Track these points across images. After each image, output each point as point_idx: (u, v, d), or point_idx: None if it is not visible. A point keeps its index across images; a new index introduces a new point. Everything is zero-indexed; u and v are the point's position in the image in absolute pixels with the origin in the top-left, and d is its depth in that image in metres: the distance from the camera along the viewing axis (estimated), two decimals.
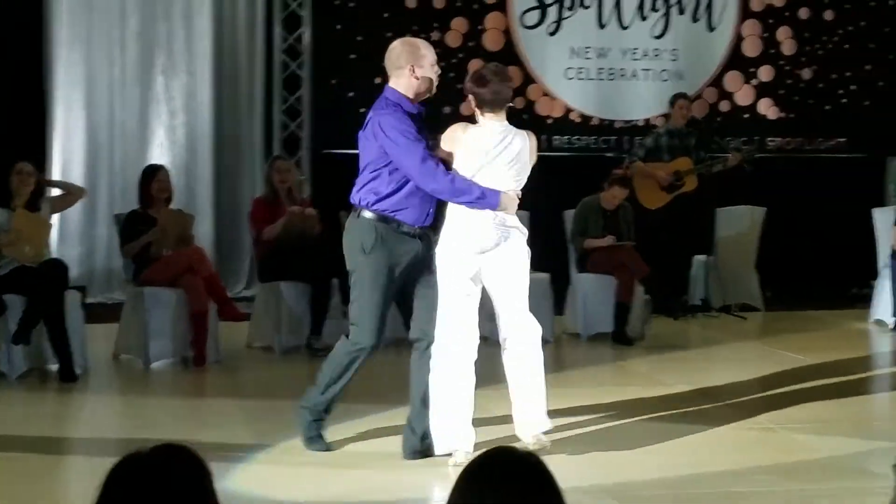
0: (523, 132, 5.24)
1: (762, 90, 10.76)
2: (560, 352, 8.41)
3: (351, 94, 9.95)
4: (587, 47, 10.43)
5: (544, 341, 8.21)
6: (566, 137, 10.40)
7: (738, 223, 10.02)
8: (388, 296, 5.06)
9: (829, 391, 6.66)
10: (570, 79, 10.41)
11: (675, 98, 9.74)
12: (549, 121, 10.36)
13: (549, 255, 8.92)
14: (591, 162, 9.90)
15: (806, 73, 10.83)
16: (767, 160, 10.42)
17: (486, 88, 5.17)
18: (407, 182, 5.00)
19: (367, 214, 5.04)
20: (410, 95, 5.16)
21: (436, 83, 5.22)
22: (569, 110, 10.40)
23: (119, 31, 9.97)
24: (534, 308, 8.25)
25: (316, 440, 5.21)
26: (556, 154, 10.32)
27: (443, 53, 10.03)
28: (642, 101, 10.53)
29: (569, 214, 8.90)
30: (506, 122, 5.19)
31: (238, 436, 5.65)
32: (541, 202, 9.26)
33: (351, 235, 5.11)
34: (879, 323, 9.17)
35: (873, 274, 9.63)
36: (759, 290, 10.01)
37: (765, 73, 10.75)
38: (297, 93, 10.04)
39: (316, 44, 9.95)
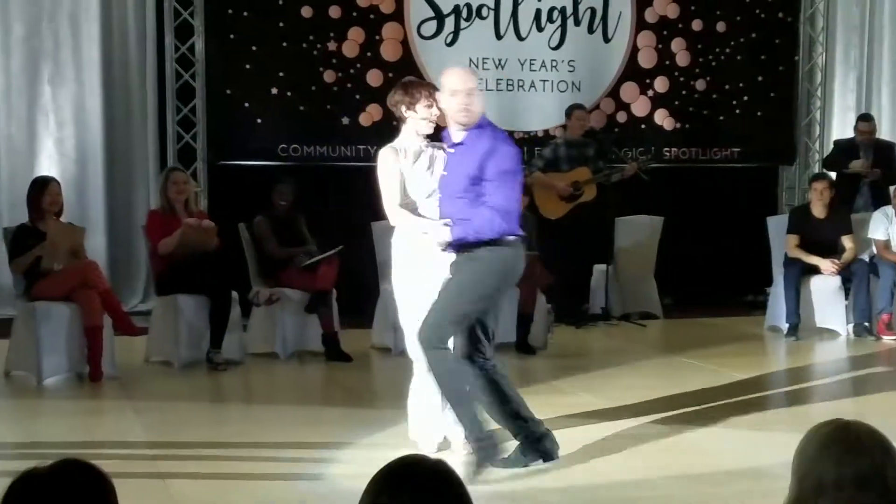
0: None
1: (658, 101, 10.88)
2: None
3: (247, 104, 9.78)
4: (485, 58, 10.42)
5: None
6: None
7: (637, 232, 10.10)
8: None
9: (729, 395, 6.71)
10: None
11: (572, 109, 9.81)
12: None
13: None
14: None
15: (700, 84, 10.99)
16: (664, 170, 10.54)
17: None
18: None
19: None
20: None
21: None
22: None
23: (2, 38, 9.64)
24: None
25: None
26: None
27: (339, 64, 9.96)
28: (541, 112, 10.55)
29: None
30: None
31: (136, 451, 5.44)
32: None
33: None
34: (774, 329, 9.32)
35: (768, 281, 9.80)
36: (658, 298, 10.10)
37: (660, 84, 10.87)
38: (190, 103, 9.82)
39: (209, 53, 9.75)
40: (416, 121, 5.29)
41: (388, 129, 10.02)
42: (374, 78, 10.05)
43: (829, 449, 2.18)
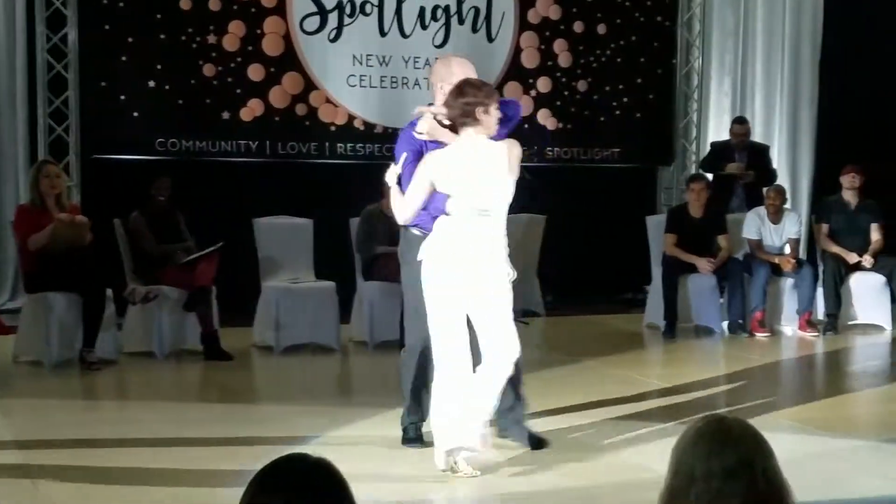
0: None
1: (541, 101, 10.94)
2: (347, 360, 8.29)
3: (122, 97, 9.52)
4: (369, 55, 10.34)
5: (330, 350, 8.21)
6: (350, 145, 10.27)
7: (519, 231, 10.09)
8: None
9: (606, 392, 6.76)
10: (353, 86, 10.29)
11: None
12: (333, 128, 10.21)
13: (334, 263, 8.82)
14: (375, 169, 9.75)
15: (582, 85, 11.09)
16: (547, 169, 10.60)
17: None
18: None
19: None
20: None
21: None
22: (352, 117, 10.28)
23: None
24: (321, 316, 8.25)
25: None
26: (340, 161, 10.20)
27: (219, 57, 9.78)
28: None
29: (354, 222, 8.77)
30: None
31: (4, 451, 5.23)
32: (327, 210, 9.20)
33: None
34: (652, 326, 9.45)
35: (647, 279, 9.93)
36: (541, 296, 10.16)
37: (543, 85, 10.94)
38: (63, 95, 9.51)
39: (83, 44, 9.46)
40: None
41: (270, 124, 10.04)
42: (255, 72, 9.89)
43: (700, 442, 2.23)
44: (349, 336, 8.56)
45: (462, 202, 4.85)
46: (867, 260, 9.32)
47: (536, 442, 5.34)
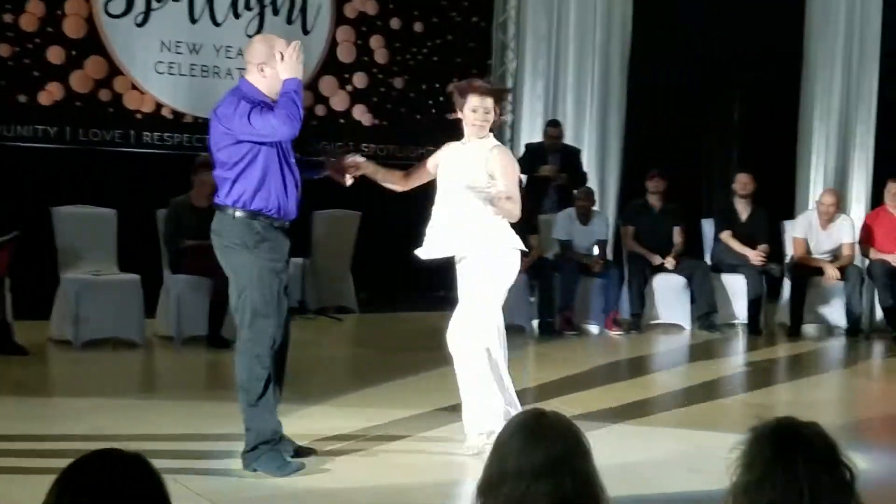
0: None
1: (357, 96, 10.86)
2: (151, 355, 8.01)
3: None
4: (178, 42, 10.02)
5: (132, 344, 7.91)
6: (157, 134, 9.93)
7: (334, 226, 10.03)
8: None
9: (421, 388, 6.82)
10: (161, 73, 9.96)
11: None
12: (139, 115, 9.86)
13: (140, 255, 8.50)
14: (184, 160, 9.49)
15: (398, 83, 11.06)
16: None
17: None
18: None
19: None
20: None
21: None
22: (160, 106, 9.95)
23: None
24: (124, 310, 7.94)
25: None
26: (147, 151, 9.85)
27: (17, 38, 9.31)
28: None
29: (161, 213, 8.49)
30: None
31: None
32: (132, 200, 8.87)
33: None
34: None
35: None
36: (355, 293, 10.08)
37: (359, 80, 10.86)
38: None
39: None
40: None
41: (71, 109, 9.60)
42: (55, 55, 9.46)
43: (517, 436, 2.21)
44: (154, 331, 8.28)
45: None
46: (669, 262, 9.61)
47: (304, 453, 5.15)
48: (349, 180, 5.52)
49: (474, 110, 5.48)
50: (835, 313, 9.71)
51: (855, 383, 7.92)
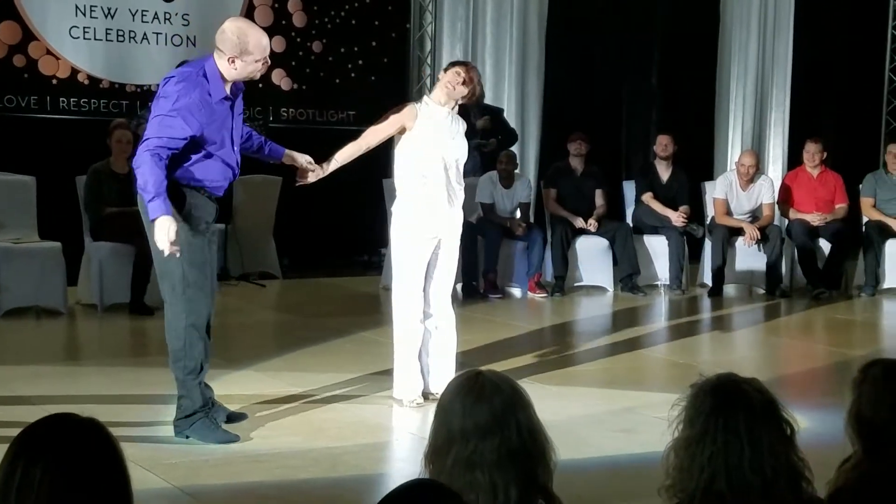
0: None
1: (275, 61, 10.65)
2: (74, 323, 7.94)
3: None
4: (93, 6, 9.84)
5: (55, 313, 7.82)
6: (74, 100, 9.77)
7: (255, 192, 9.97)
8: None
9: (345, 352, 6.85)
10: (76, 38, 9.78)
11: (182, 64, 9.49)
12: (55, 81, 9.68)
13: (60, 222, 8.39)
14: (102, 126, 9.35)
15: (317, 46, 11.00)
16: (282, 130, 10.44)
17: None
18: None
19: None
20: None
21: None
22: (76, 71, 9.77)
23: None
24: (46, 278, 7.84)
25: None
26: (63, 117, 9.69)
27: None
28: (154, 66, 10.11)
29: (81, 180, 8.37)
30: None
31: None
32: (51, 167, 8.73)
33: None
34: (388, 289, 9.46)
35: (383, 242, 9.97)
36: (277, 259, 10.05)
37: (277, 44, 10.72)
38: None
39: None
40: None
41: None
42: None
43: (458, 398, 2.26)
44: (77, 299, 8.19)
45: None
46: (592, 223, 9.73)
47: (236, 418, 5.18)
48: (313, 179, 5.70)
49: (458, 72, 5.63)
50: (755, 273, 9.86)
51: (777, 341, 8.07)
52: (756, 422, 2.22)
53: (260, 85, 10.63)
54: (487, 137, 10.56)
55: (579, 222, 9.74)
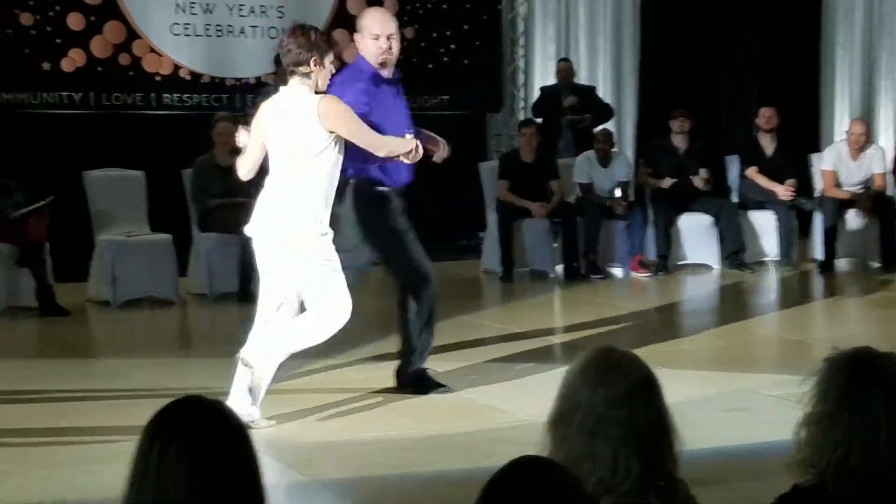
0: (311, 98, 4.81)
1: None
2: (186, 313, 8.13)
3: None
4: (192, 3, 10.06)
5: (169, 303, 8.03)
6: (177, 95, 10.00)
7: None
8: None
9: (449, 336, 6.67)
10: (177, 35, 10.01)
11: (278, 58, 9.64)
12: (158, 78, 9.91)
13: (168, 215, 8.60)
14: (204, 120, 9.55)
15: (409, 32, 11.03)
16: None
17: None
18: None
19: None
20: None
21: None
22: (177, 67, 9.99)
23: None
24: (158, 269, 8.06)
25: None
26: (167, 112, 9.93)
27: (37, 6, 9.36)
28: (252, 59, 10.30)
29: (187, 173, 8.56)
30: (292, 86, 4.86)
31: None
32: (158, 161, 8.95)
33: None
34: (489, 272, 9.55)
35: (482, 226, 10.02)
36: None
37: None
38: None
39: None
40: (324, 74, 4.81)
41: (93, 74, 9.65)
42: (74, 21, 9.52)
43: (588, 371, 2.25)
44: (187, 289, 8.39)
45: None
46: (698, 180, 9.50)
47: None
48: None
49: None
50: (868, 246, 9.56)
51: (894, 316, 7.73)
52: (893, 398, 2.16)
53: None
54: (580, 114, 10.51)
55: (665, 182, 9.53)
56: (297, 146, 4.75)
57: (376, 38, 5.01)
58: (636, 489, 2.18)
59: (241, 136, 5.03)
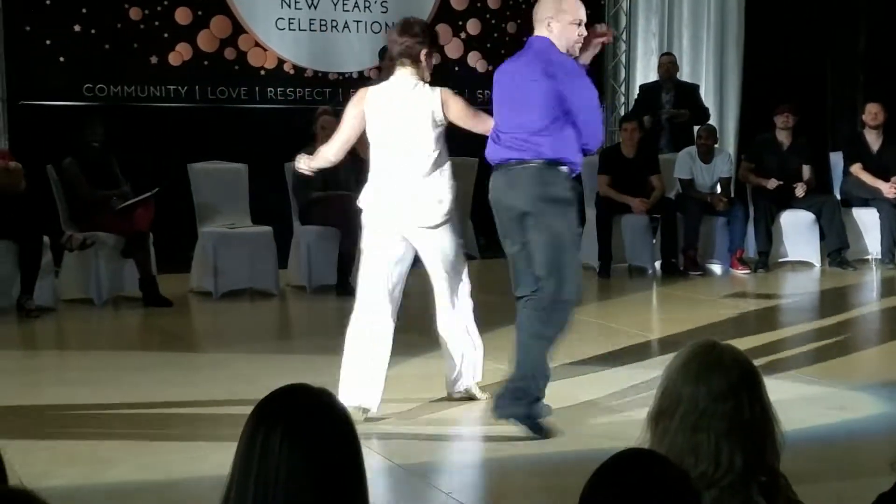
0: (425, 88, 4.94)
1: (470, 43, 10.90)
2: (285, 305, 8.25)
3: (48, 42, 9.29)
4: None
5: (269, 295, 8.16)
6: (280, 89, 10.15)
7: (455, 175, 10.08)
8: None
9: None
10: (282, 29, 10.15)
11: (383, 51, 9.72)
12: (262, 72, 10.07)
13: (271, 207, 8.74)
14: (306, 114, 9.67)
15: (511, 27, 11.06)
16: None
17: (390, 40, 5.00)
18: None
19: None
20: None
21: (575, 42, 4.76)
22: (282, 62, 10.14)
23: None
24: (259, 261, 8.19)
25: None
26: (271, 106, 10.08)
27: (145, 1, 9.58)
28: (355, 53, 10.42)
29: (289, 167, 8.68)
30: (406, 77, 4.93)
31: None
32: (260, 155, 9.10)
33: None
34: (586, 266, 9.41)
35: (581, 220, 9.87)
36: (475, 239, 10.18)
37: (472, 27, 10.90)
38: None
39: None
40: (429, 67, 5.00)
41: (199, 68, 9.86)
42: (182, 16, 9.72)
43: (691, 365, 2.25)
44: (287, 281, 8.51)
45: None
46: (800, 188, 9.38)
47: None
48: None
49: None
50: None
51: None
52: None
53: (456, 68, 10.81)
54: (678, 117, 10.39)
55: (772, 183, 9.41)
56: (413, 135, 4.88)
57: (578, 23, 4.74)
58: (739, 483, 2.18)
59: (301, 163, 5.23)
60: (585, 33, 4.78)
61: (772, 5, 11.61)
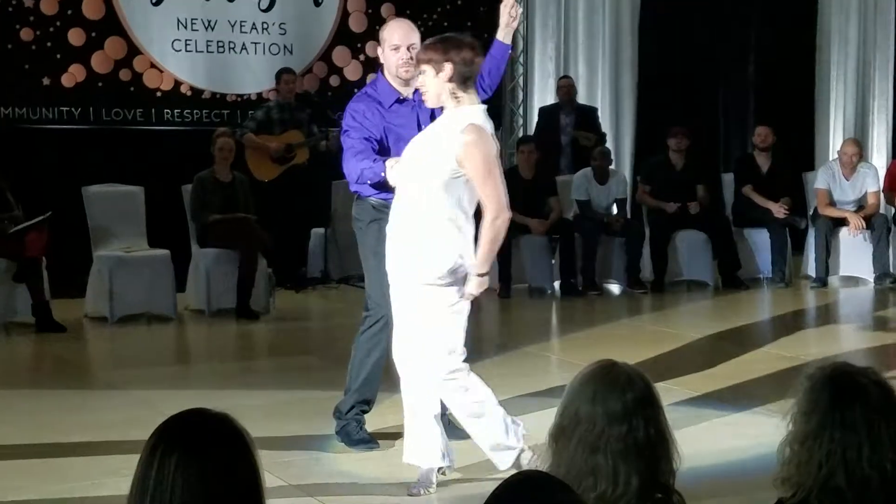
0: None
1: (369, 66, 10.89)
2: (184, 329, 8.15)
3: None
4: (194, 19, 10.09)
5: (167, 318, 8.04)
6: (177, 111, 10.03)
7: (348, 197, 10.05)
8: None
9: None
10: (178, 51, 10.04)
11: (280, 73, 9.76)
12: (159, 94, 9.94)
13: (167, 230, 8.63)
14: (204, 136, 9.58)
15: None
16: None
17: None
18: None
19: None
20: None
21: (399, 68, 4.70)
22: (178, 83, 10.03)
23: None
24: (156, 285, 8.07)
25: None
26: (167, 128, 9.94)
27: (38, 22, 9.40)
28: (253, 75, 10.35)
29: (186, 189, 8.60)
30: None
31: None
32: (157, 177, 8.98)
33: None
34: (487, 288, 9.53)
35: None
36: None
37: (372, 49, 10.90)
38: None
39: None
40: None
41: (94, 90, 9.69)
42: (75, 37, 9.55)
43: (589, 385, 2.27)
44: (186, 304, 8.40)
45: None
46: (694, 206, 9.57)
47: None
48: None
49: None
50: (861, 263, 9.66)
51: (887, 334, 7.75)
52: (874, 415, 2.17)
53: (356, 90, 10.74)
54: (582, 142, 10.52)
55: (671, 207, 9.59)
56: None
57: (396, 48, 4.70)
58: (635, 503, 2.21)
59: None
60: (407, 56, 4.69)
61: (665, 30, 11.85)
